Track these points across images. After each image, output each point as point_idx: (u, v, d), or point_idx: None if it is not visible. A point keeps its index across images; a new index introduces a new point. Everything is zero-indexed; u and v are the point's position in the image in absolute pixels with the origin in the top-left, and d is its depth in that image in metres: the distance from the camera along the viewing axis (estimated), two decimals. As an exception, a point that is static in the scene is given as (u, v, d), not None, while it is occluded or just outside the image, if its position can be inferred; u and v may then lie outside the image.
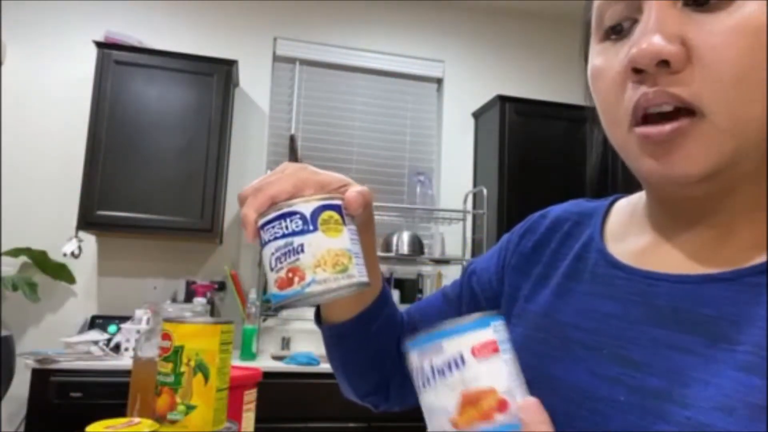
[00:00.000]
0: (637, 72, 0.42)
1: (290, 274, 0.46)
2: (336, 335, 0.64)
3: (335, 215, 0.48)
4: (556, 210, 0.63)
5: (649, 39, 0.40)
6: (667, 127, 0.41)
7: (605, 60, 0.46)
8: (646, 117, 0.42)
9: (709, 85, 0.40)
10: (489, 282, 0.64)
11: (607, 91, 0.45)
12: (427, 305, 0.70)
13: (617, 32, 0.45)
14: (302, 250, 0.46)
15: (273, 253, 0.47)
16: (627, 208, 0.57)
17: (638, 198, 0.56)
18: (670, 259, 0.48)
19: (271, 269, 0.47)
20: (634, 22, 0.44)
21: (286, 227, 0.47)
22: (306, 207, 0.47)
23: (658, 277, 0.47)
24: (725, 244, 0.45)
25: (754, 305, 0.40)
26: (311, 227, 0.47)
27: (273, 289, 0.47)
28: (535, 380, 0.50)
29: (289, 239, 0.46)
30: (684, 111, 0.41)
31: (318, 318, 0.66)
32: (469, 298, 0.65)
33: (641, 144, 0.43)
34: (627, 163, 0.47)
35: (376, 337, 0.63)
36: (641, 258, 0.50)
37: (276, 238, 0.47)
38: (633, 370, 0.44)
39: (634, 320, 0.46)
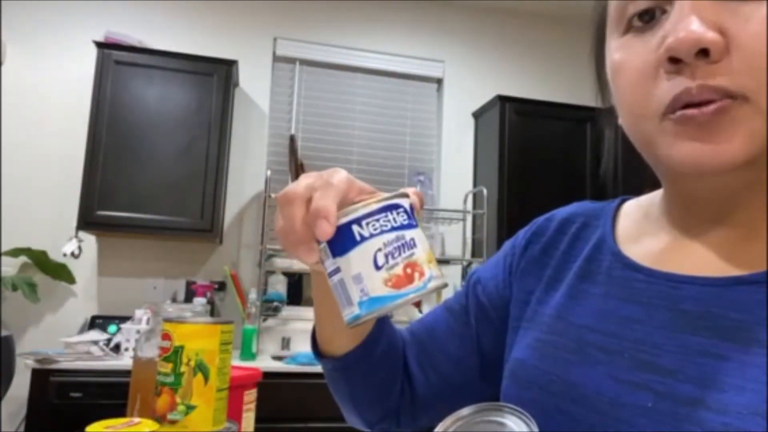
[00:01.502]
0: (674, 62, 0.40)
1: (408, 270, 0.42)
2: (341, 368, 0.60)
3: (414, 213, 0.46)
4: (561, 212, 0.62)
5: (688, 27, 0.38)
6: (711, 108, 0.39)
7: (628, 53, 0.44)
8: (685, 106, 0.41)
9: (751, 73, 0.38)
10: (497, 290, 0.62)
11: (634, 84, 0.43)
12: (432, 322, 0.66)
13: (645, 21, 0.43)
14: (414, 245, 0.42)
15: (381, 249, 0.42)
16: (639, 210, 0.55)
17: (650, 199, 0.54)
18: (691, 261, 0.46)
19: (378, 267, 0.41)
20: (663, 12, 0.42)
21: (394, 220, 0.43)
22: (404, 202, 0.44)
23: (682, 279, 0.45)
24: (748, 245, 0.44)
25: None
26: (414, 222, 0.43)
27: (382, 290, 0.41)
28: (552, 386, 0.48)
29: (400, 232, 0.42)
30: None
31: (316, 350, 0.62)
32: (477, 309, 0.63)
33: (680, 129, 0.41)
34: (653, 157, 0.45)
35: (381, 362, 0.61)
36: (659, 259, 0.48)
37: (383, 232, 0.42)
38: (660, 376, 0.42)
39: (659, 325, 0.44)
